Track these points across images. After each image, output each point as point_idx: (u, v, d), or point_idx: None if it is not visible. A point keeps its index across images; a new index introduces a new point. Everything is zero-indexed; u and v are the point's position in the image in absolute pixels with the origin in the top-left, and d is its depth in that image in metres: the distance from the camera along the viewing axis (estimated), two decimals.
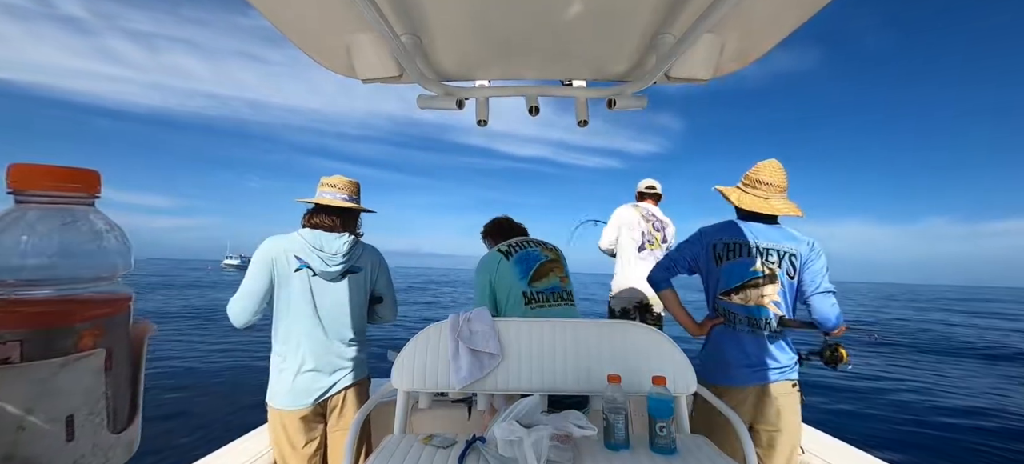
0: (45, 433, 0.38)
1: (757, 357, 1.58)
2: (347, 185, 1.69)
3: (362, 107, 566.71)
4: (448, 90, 1.12)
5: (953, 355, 9.81)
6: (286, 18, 0.88)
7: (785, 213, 1.61)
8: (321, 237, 1.61)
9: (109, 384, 0.44)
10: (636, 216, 2.96)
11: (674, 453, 1.06)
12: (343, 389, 1.63)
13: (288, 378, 1.56)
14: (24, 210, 0.42)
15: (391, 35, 0.76)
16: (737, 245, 1.63)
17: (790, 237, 1.64)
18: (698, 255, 1.70)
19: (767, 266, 1.59)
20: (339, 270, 1.61)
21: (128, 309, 0.48)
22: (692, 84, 1.06)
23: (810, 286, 1.59)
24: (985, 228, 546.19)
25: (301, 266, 1.58)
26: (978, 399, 6.14)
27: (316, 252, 1.58)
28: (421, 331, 1.38)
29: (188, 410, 5.33)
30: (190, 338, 9.94)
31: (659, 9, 0.85)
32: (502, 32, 0.93)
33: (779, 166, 1.65)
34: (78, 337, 0.42)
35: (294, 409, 1.55)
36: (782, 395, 1.57)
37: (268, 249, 1.57)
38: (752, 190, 1.66)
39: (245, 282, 1.56)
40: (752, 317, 1.60)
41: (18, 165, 0.42)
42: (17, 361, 0.38)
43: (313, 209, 1.67)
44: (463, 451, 1.05)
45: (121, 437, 0.46)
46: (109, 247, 0.45)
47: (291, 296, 1.57)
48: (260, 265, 1.55)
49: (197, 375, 6.98)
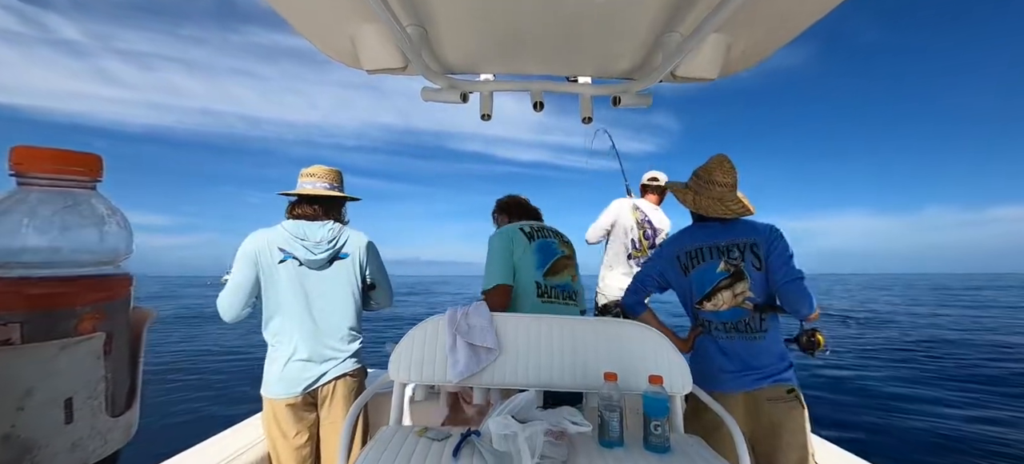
0: (44, 414, 0.39)
1: (741, 361, 1.51)
2: (327, 173, 1.69)
3: (358, 119, 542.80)
4: (452, 83, 1.12)
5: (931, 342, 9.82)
6: (293, 8, 0.88)
7: (742, 214, 1.58)
8: (304, 227, 1.61)
9: (108, 368, 0.44)
10: (632, 221, 2.83)
11: (668, 452, 1.07)
12: (334, 379, 1.62)
13: (278, 367, 1.57)
14: (26, 193, 0.42)
15: (396, 26, 0.76)
16: (698, 250, 1.60)
17: (748, 228, 1.59)
18: (665, 270, 1.67)
19: (730, 263, 1.55)
20: (325, 258, 1.61)
21: (128, 294, 0.49)
22: (699, 84, 1.06)
23: (778, 274, 1.51)
24: (986, 215, 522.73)
25: (285, 257, 1.58)
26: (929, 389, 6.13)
27: (300, 242, 1.58)
28: (418, 324, 1.38)
29: (183, 398, 5.37)
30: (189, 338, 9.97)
31: (667, 7, 0.84)
32: (508, 26, 0.93)
33: (729, 161, 1.62)
34: (78, 320, 0.42)
35: (284, 397, 1.56)
36: (773, 401, 1.47)
37: (250, 243, 1.58)
38: (707, 189, 1.61)
39: (231, 277, 1.58)
40: (729, 322, 1.54)
41: (21, 148, 0.42)
42: (18, 342, 0.38)
43: (295, 201, 1.68)
44: (458, 444, 1.05)
45: (119, 421, 0.46)
46: (110, 231, 0.46)
47: (278, 287, 1.58)
48: (243, 259, 1.57)
49: (192, 371, 7.00)
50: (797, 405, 1.47)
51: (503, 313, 1.41)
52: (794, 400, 1.48)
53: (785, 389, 1.48)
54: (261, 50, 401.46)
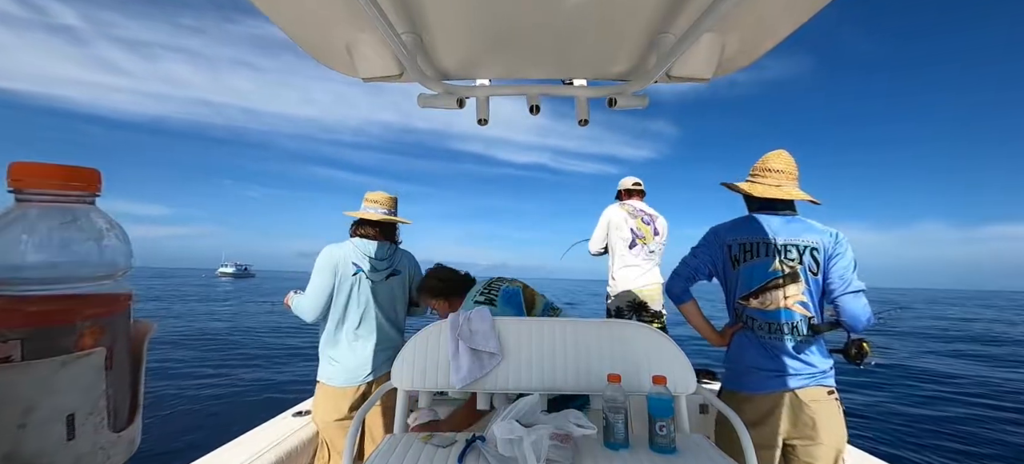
0: (46, 432, 0.38)
1: (784, 362, 1.44)
2: (386, 200, 2.00)
3: (357, 115, 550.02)
4: (449, 89, 1.12)
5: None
6: (287, 17, 0.88)
7: (800, 198, 1.48)
8: (368, 245, 1.93)
9: (110, 383, 0.44)
10: (623, 214, 2.88)
11: (674, 452, 1.06)
12: (386, 372, 1.89)
13: (341, 362, 1.85)
14: (25, 209, 0.42)
15: (392, 34, 0.76)
16: (753, 244, 1.49)
17: (810, 229, 1.48)
18: (716, 258, 1.57)
19: (787, 264, 1.45)
20: (384, 274, 1.94)
21: (128, 308, 0.48)
22: (693, 83, 1.06)
23: (839, 285, 1.43)
24: (981, 232, 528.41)
25: (357, 270, 1.89)
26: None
27: (366, 258, 1.91)
28: (421, 330, 1.38)
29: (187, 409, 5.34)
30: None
31: (660, 8, 0.85)
32: (503, 31, 0.93)
33: (788, 155, 1.53)
34: (79, 336, 0.42)
35: (345, 387, 1.84)
36: (816, 401, 1.41)
37: (331, 255, 1.87)
38: (762, 179, 1.53)
39: (313, 282, 1.85)
40: (775, 322, 1.46)
41: (19, 164, 0.42)
42: (18, 360, 0.38)
43: (358, 221, 1.98)
44: (463, 450, 1.05)
45: (122, 436, 0.46)
46: (110, 245, 0.45)
47: (346, 293, 1.87)
48: (325, 269, 1.85)
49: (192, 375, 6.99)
50: (836, 405, 1.44)
51: (505, 317, 1.41)
52: (834, 401, 1.44)
53: (826, 391, 1.44)
54: (260, 42, 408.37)
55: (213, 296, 27.85)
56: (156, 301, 22.59)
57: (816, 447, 1.41)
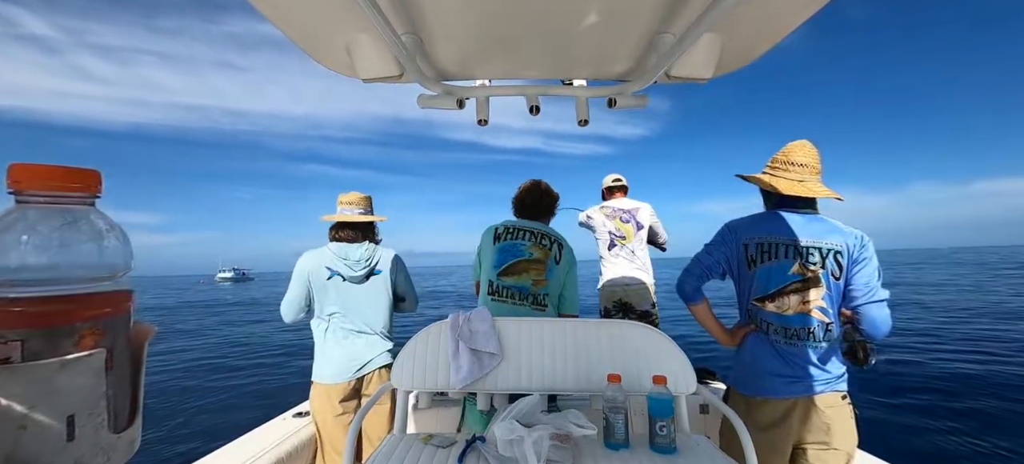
0: (46, 433, 0.38)
1: (799, 367, 1.39)
2: (360, 200, 2.02)
3: (347, 110, 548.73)
4: (448, 89, 1.12)
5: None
6: (287, 18, 0.88)
7: (825, 195, 1.41)
8: (345, 248, 1.95)
9: (110, 384, 0.44)
10: (601, 218, 2.94)
11: (674, 452, 1.06)
12: (375, 370, 1.96)
13: (329, 358, 1.89)
14: (25, 210, 0.42)
15: (391, 35, 0.76)
16: (772, 245, 1.41)
17: (834, 230, 1.40)
18: (730, 256, 1.49)
19: (808, 268, 1.37)
20: (362, 274, 1.94)
21: (129, 309, 0.48)
22: (693, 83, 1.06)
23: (863, 292, 1.35)
24: (974, 189, 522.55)
25: (332, 274, 1.91)
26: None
27: (342, 261, 1.92)
28: (421, 330, 1.38)
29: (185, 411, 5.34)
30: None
31: (659, 9, 0.85)
32: (502, 31, 0.93)
33: (812, 147, 1.44)
34: (79, 337, 0.42)
35: (336, 382, 1.88)
36: (830, 407, 1.37)
37: (304, 264, 1.92)
38: (784, 172, 1.43)
39: (288, 291, 1.93)
40: (791, 327, 1.40)
41: (19, 165, 0.42)
42: (18, 361, 0.38)
43: (335, 224, 1.99)
44: (463, 451, 1.05)
45: (122, 437, 0.46)
46: (109, 247, 0.45)
47: (326, 297, 1.91)
48: (298, 278, 1.91)
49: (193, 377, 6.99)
50: (849, 410, 1.41)
51: (504, 317, 1.41)
52: (847, 405, 1.41)
53: (841, 396, 1.41)
54: (242, 40, 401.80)
55: (218, 300, 27.86)
56: (150, 310, 22.50)
57: (828, 452, 1.37)
